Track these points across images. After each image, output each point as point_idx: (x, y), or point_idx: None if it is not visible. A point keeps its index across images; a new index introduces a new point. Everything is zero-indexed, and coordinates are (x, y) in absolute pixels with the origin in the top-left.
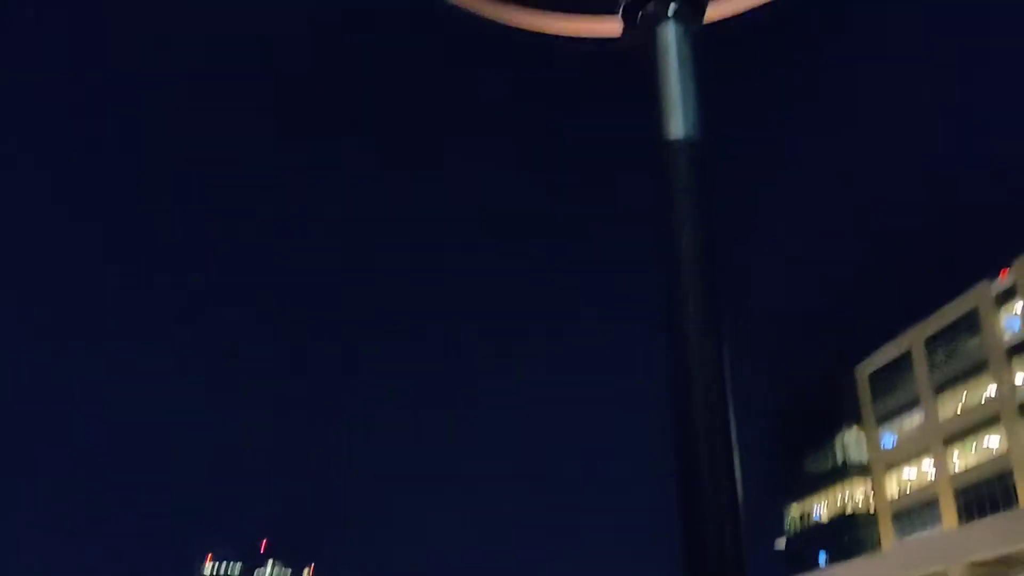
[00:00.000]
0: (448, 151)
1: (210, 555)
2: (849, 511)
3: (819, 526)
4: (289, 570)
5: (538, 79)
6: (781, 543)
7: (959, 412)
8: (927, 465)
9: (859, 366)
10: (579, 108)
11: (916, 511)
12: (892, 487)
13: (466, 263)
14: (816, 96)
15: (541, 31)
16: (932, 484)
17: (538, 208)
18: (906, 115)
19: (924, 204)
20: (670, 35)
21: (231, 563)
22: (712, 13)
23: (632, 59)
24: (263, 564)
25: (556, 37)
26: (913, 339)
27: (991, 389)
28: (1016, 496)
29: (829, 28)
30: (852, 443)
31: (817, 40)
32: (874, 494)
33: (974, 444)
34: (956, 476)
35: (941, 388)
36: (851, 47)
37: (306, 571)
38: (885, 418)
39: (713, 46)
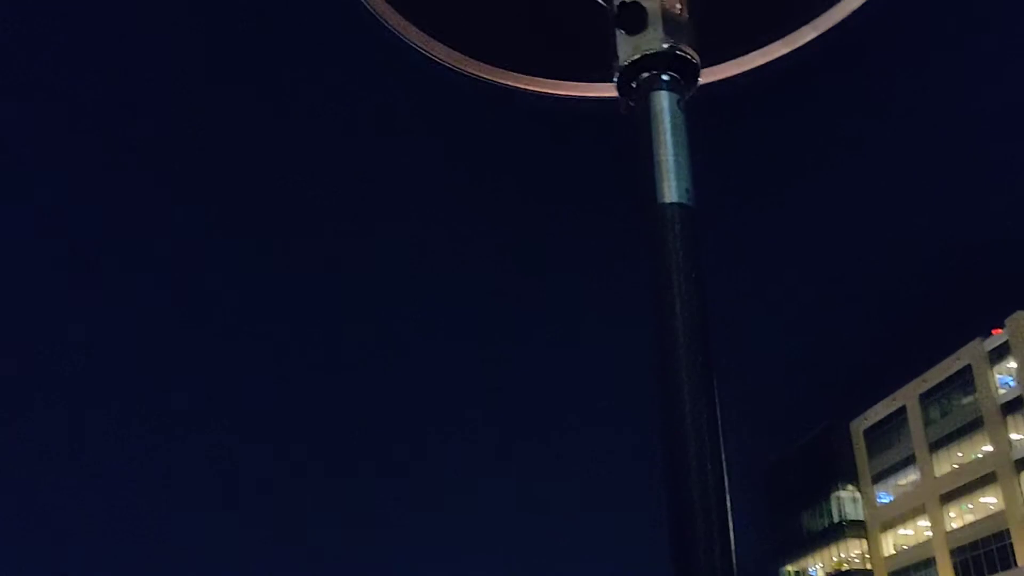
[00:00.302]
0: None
1: None
2: (845, 570)
3: None
4: None
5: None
6: None
7: (955, 469)
8: (923, 523)
9: (854, 422)
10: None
11: (913, 570)
12: (888, 545)
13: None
14: (818, 153)
15: (541, 93)
16: (928, 542)
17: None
18: (904, 177)
19: (919, 263)
20: (663, 102)
21: None
22: (703, 78)
23: (626, 121)
24: None
25: (556, 97)
26: (908, 395)
27: (987, 446)
28: (1013, 556)
29: (821, 90)
30: (847, 500)
31: (812, 103)
32: (870, 552)
33: (970, 502)
34: (952, 534)
35: (936, 445)
36: (841, 111)
37: None
38: (881, 475)
39: (710, 107)
